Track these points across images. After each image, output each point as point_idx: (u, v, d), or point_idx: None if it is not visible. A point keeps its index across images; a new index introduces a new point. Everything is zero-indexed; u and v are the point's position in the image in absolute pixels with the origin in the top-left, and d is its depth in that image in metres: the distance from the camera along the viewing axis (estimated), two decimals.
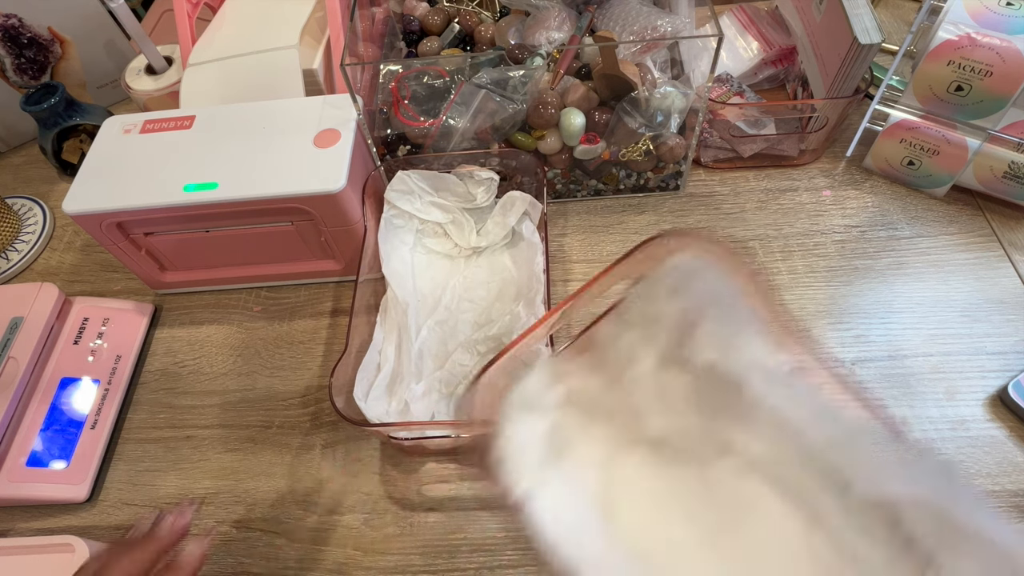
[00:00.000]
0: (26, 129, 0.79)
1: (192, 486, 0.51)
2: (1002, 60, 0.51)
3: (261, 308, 0.61)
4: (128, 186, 0.53)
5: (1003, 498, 0.45)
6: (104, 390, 0.55)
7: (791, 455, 0.31)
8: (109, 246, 0.56)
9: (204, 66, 0.64)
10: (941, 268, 0.57)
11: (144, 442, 0.54)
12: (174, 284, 0.62)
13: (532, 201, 0.57)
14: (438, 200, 0.58)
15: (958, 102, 0.55)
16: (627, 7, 0.62)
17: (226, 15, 0.69)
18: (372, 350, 0.50)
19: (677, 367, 0.34)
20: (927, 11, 0.56)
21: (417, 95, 0.59)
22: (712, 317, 0.34)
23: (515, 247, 0.59)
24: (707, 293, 0.34)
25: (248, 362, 0.58)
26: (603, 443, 0.34)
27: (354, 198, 0.54)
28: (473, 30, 0.68)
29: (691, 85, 0.59)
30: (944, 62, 0.53)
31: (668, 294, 0.35)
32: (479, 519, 0.48)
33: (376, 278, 0.55)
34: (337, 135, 0.54)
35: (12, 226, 0.69)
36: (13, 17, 0.71)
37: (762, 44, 0.69)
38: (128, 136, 0.57)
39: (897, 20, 0.78)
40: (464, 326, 0.55)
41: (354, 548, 0.47)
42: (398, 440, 0.48)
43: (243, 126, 0.56)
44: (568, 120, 0.57)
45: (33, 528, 0.51)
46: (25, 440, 0.51)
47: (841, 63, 0.56)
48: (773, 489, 0.31)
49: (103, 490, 0.52)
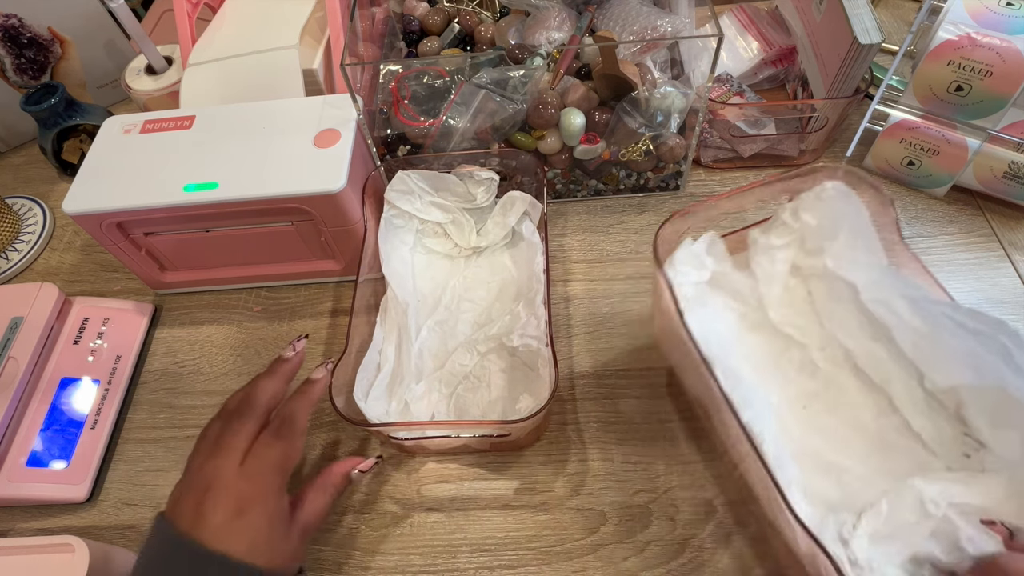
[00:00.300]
0: (26, 129, 0.79)
1: None
2: (1002, 60, 0.51)
3: (261, 308, 0.61)
4: (128, 186, 0.53)
5: None
6: (104, 390, 0.55)
7: (881, 353, 0.41)
8: (109, 246, 0.56)
9: (204, 66, 0.64)
10: (941, 268, 0.57)
11: (144, 442, 0.54)
12: (174, 284, 0.62)
13: (532, 201, 0.57)
14: (438, 200, 0.58)
15: (958, 102, 0.55)
16: (627, 7, 0.62)
17: (226, 15, 0.69)
18: (372, 350, 0.50)
19: (804, 274, 0.45)
20: (927, 11, 0.56)
21: (417, 95, 0.59)
22: (845, 234, 0.42)
23: (515, 247, 0.59)
24: (844, 215, 0.42)
25: (248, 362, 0.58)
26: (734, 312, 0.45)
27: (354, 198, 0.54)
28: (473, 30, 0.68)
29: (691, 85, 0.59)
30: (944, 62, 0.53)
31: (813, 211, 0.43)
32: (479, 519, 0.48)
33: (376, 278, 0.55)
34: (337, 135, 0.54)
35: (12, 226, 0.69)
36: (13, 17, 0.71)
37: (762, 44, 0.69)
38: (128, 136, 0.57)
39: (897, 20, 0.78)
40: (464, 326, 0.55)
41: (354, 548, 0.47)
42: (398, 440, 0.48)
43: (243, 126, 0.56)
44: (568, 120, 0.57)
45: (33, 528, 0.51)
46: (25, 440, 0.51)
47: (841, 63, 0.56)
48: (858, 379, 0.41)
49: (103, 490, 0.52)
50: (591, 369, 0.54)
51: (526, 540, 0.47)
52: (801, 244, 0.45)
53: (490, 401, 0.50)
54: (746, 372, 0.42)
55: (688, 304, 0.38)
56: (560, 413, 0.52)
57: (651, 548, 0.45)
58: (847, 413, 0.41)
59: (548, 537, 0.46)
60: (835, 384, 0.42)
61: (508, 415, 0.49)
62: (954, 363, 0.38)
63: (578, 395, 0.52)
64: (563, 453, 0.50)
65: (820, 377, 0.43)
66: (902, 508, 0.35)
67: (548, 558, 0.46)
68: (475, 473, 0.50)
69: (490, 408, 0.50)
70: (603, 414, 0.51)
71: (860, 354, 0.42)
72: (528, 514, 0.48)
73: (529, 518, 0.47)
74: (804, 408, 0.42)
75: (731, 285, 0.45)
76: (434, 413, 0.50)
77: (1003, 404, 0.36)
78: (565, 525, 0.47)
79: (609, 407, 0.52)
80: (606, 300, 0.58)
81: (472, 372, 0.52)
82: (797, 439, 0.41)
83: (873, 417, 0.41)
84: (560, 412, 0.52)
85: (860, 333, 0.42)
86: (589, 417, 0.51)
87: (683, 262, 0.41)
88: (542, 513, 0.47)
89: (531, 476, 0.49)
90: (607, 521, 0.47)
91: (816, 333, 0.44)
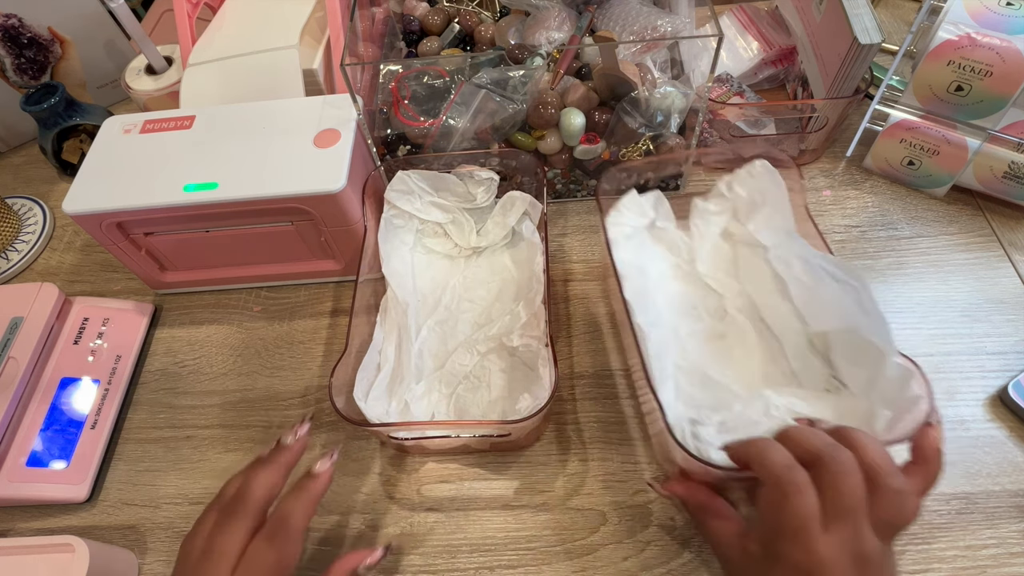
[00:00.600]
0: (26, 129, 0.79)
1: (192, 486, 0.51)
2: (1002, 60, 0.51)
3: (261, 308, 0.61)
4: (128, 186, 0.53)
5: (1003, 498, 0.45)
6: (104, 390, 0.55)
7: (782, 308, 0.49)
8: (109, 246, 0.56)
9: (204, 66, 0.64)
10: (941, 268, 0.57)
11: (144, 442, 0.54)
12: (174, 284, 0.62)
13: (532, 201, 0.57)
14: (438, 200, 0.58)
15: (958, 102, 0.55)
16: (627, 7, 0.62)
17: (226, 15, 0.69)
18: (372, 350, 0.50)
19: (734, 239, 0.54)
20: (927, 11, 0.56)
21: (417, 95, 0.59)
22: (768, 206, 0.51)
23: (515, 247, 0.59)
24: (769, 189, 0.51)
25: (248, 362, 0.58)
26: (668, 262, 0.54)
27: (354, 198, 0.54)
28: (473, 30, 0.68)
29: (691, 85, 0.59)
30: (944, 62, 0.53)
31: (744, 185, 0.52)
32: (479, 519, 0.48)
33: (376, 278, 0.55)
34: (337, 135, 0.54)
35: (12, 226, 0.69)
36: (13, 17, 0.71)
37: (762, 44, 0.69)
38: (128, 136, 0.57)
39: (897, 20, 0.78)
40: (464, 326, 0.55)
41: (354, 548, 0.47)
42: (398, 440, 0.48)
43: (243, 126, 0.56)
44: (568, 120, 0.57)
45: (33, 528, 0.51)
46: (25, 440, 0.51)
47: (841, 63, 0.56)
48: (760, 327, 0.50)
49: (103, 490, 0.52)
50: (591, 369, 0.54)
51: (526, 540, 0.47)
52: (734, 214, 0.54)
53: (490, 401, 0.50)
54: (663, 306, 0.51)
55: (620, 240, 0.49)
56: (560, 413, 0.52)
57: (651, 548, 0.45)
58: (742, 351, 0.49)
59: (548, 537, 0.46)
60: (739, 329, 0.50)
61: (508, 415, 0.49)
62: (826, 311, 0.45)
63: (578, 395, 0.52)
64: (563, 453, 0.50)
65: (728, 321, 0.51)
66: (751, 410, 0.42)
67: (548, 558, 0.46)
68: (475, 473, 0.50)
69: (490, 408, 0.50)
70: (603, 414, 0.51)
71: (764, 306, 0.50)
72: (528, 514, 0.48)
73: (529, 518, 0.47)
74: (706, 342, 0.50)
75: (671, 240, 0.55)
76: (434, 413, 0.50)
77: (855, 345, 0.42)
78: (565, 525, 0.47)
79: (609, 407, 0.52)
80: (606, 300, 0.58)
81: (472, 372, 0.52)
82: (691, 360, 0.48)
83: (763, 358, 0.48)
84: (560, 412, 0.52)
85: (767, 289, 0.50)
86: (589, 417, 0.51)
87: (627, 208, 0.52)
88: (542, 513, 0.47)
89: (531, 476, 0.49)
90: (607, 521, 0.47)
91: (733, 287, 0.52)
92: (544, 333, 0.49)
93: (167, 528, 0.49)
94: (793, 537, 0.33)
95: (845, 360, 0.44)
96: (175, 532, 0.49)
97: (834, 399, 0.43)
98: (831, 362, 0.46)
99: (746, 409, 0.42)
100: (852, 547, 0.32)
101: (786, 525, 0.33)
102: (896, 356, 0.39)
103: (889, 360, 0.39)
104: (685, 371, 0.47)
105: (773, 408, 0.42)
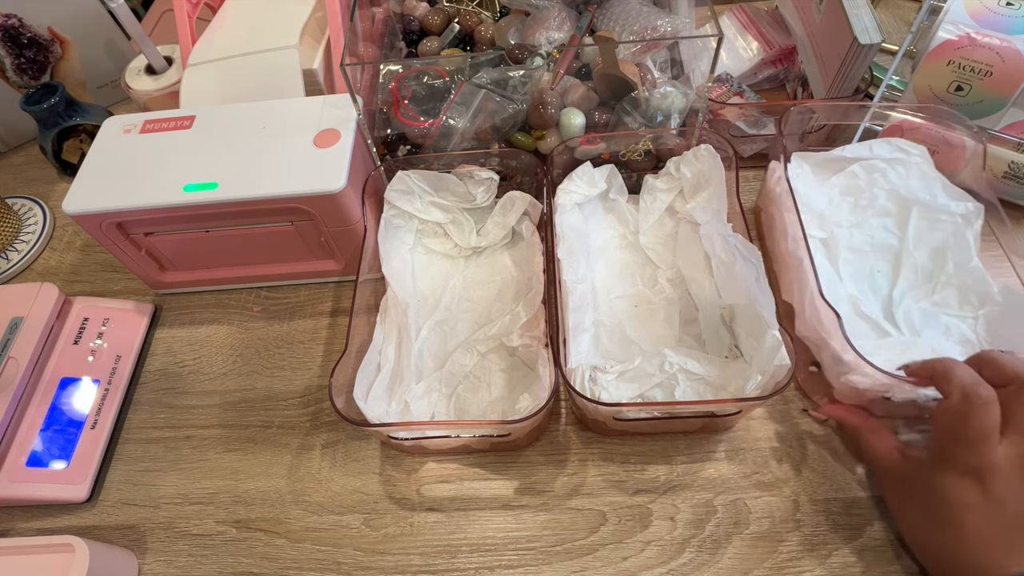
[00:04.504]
0: (26, 129, 0.79)
1: (192, 486, 0.51)
2: (1002, 60, 0.51)
3: (261, 308, 0.61)
4: (128, 186, 0.53)
5: None
6: (104, 390, 0.55)
7: (706, 283, 0.53)
8: (109, 246, 0.56)
9: (204, 66, 0.64)
10: None
11: (144, 442, 0.54)
12: (174, 284, 0.62)
13: (532, 201, 0.57)
14: (438, 200, 0.58)
15: (958, 102, 0.55)
16: (627, 7, 0.62)
17: (226, 15, 0.69)
18: (372, 350, 0.50)
19: (678, 217, 0.58)
20: (927, 11, 0.56)
21: (417, 95, 0.59)
22: (710, 188, 0.55)
23: (515, 247, 0.59)
24: (711, 172, 0.55)
25: (248, 362, 0.58)
26: (615, 232, 0.60)
27: (354, 198, 0.54)
28: (473, 30, 0.68)
29: (691, 85, 0.59)
30: (944, 62, 0.53)
31: (690, 166, 0.57)
32: (479, 519, 0.48)
33: (376, 278, 0.55)
34: (337, 135, 0.54)
35: (12, 226, 0.69)
36: (13, 17, 0.71)
37: (762, 44, 0.69)
38: (128, 136, 0.57)
39: (897, 20, 0.78)
40: (464, 326, 0.55)
41: (354, 548, 0.47)
42: (398, 440, 0.48)
43: (243, 126, 0.56)
44: (568, 120, 0.57)
45: (33, 528, 0.51)
46: (25, 440, 0.51)
47: (841, 63, 0.56)
48: (685, 298, 0.55)
49: (103, 490, 0.52)
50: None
51: (526, 540, 0.47)
52: (681, 192, 0.59)
53: (490, 401, 0.50)
54: (602, 269, 0.57)
55: (568, 206, 0.55)
56: (560, 413, 0.52)
57: (651, 548, 0.45)
58: (663, 317, 0.54)
59: (548, 537, 0.46)
60: (665, 297, 0.55)
61: (508, 415, 0.49)
62: (733, 285, 0.50)
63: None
64: (563, 453, 0.50)
65: (657, 290, 0.56)
66: (648, 365, 0.46)
67: (548, 558, 0.46)
68: (475, 473, 0.50)
69: (490, 408, 0.50)
70: None
71: (691, 279, 0.55)
72: (528, 514, 0.48)
73: (529, 518, 0.47)
74: (635, 307, 0.55)
75: (621, 212, 0.60)
76: (434, 413, 0.50)
77: (751, 317, 0.47)
78: (565, 525, 0.47)
79: None
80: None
81: (472, 372, 0.52)
82: (616, 319, 0.54)
83: (680, 325, 0.53)
84: (560, 412, 0.52)
85: (696, 263, 0.55)
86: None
87: (579, 177, 0.56)
88: (542, 513, 0.47)
89: (531, 476, 0.49)
90: (607, 521, 0.47)
91: (668, 260, 0.57)
92: (544, 333, 0.49)
93: (167, 528, 0.49)
94: (972, 445, 0.37)
95: (743, 331, 0.49)
96: (175, 532, 0.49)
97: (721, 362, 0.47)
98: (734, 332, 0.51)
99: (645, 363, 0.46)
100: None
101: (967, 434, 0.37)
102: (774, 329, 0.44)
103: (768, 332, 0.44)
104: (607, 328, 0.53)
105: (667, 364, 0.46)
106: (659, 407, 0.44)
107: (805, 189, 0.57)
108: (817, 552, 0.44)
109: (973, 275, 0.51)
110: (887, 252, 0.55)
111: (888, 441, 0.44)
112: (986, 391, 0.37)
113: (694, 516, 0.46)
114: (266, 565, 0.47)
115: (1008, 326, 0.49)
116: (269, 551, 0.48)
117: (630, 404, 0.45)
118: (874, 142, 0.58)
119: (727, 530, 0.46)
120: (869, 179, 0.57)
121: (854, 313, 0.52)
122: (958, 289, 0.52)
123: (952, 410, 0.38)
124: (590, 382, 0.45)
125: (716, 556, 0.45)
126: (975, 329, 0.50)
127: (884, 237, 0.56)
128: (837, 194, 0.58)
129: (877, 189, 0.57)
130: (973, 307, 0.51)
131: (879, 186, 0.57)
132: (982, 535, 0.37)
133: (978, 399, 0.37)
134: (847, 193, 0.58)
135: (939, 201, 0.55)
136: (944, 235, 0.54)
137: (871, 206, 0.57)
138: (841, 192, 0.58)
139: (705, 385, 0.47)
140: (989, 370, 0.39)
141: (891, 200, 0.57)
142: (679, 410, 0.45)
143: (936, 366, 0.40)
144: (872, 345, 0.47)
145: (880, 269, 0.55)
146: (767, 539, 0.45)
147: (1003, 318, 0.49)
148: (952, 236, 0.53)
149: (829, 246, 0.56)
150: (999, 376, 0.38)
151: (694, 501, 0.47)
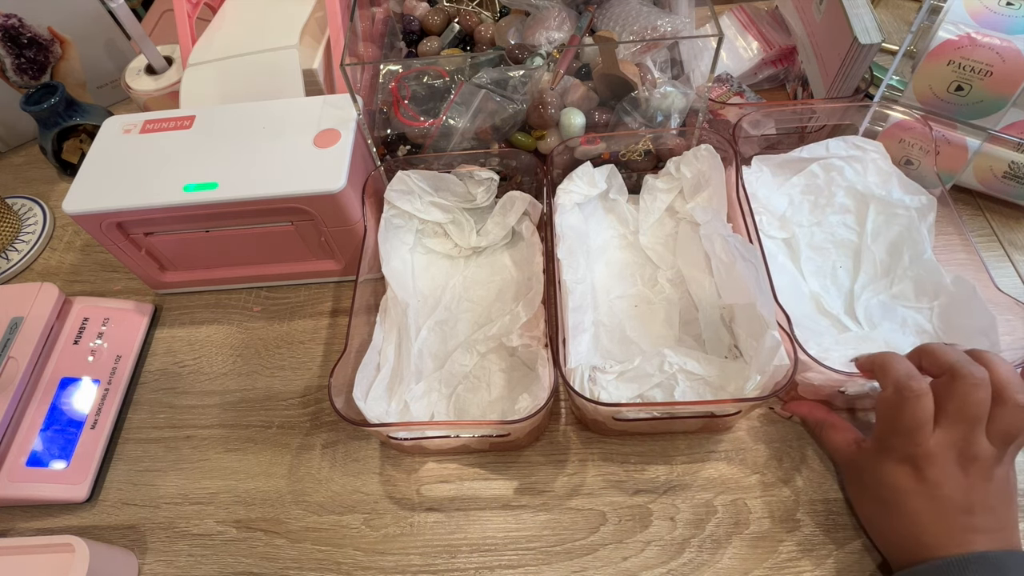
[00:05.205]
0: (26, 129, 0.79)
1: (192, 486, 0.51)
2: (1002, 60, 0.51)
3: (261, 308, 0.61)
4: (128, 186, 0.53)
5: None
6: (104, 390, 0.55)
7: (706, 283, 0.53)
8: (109, 246, 0.56)
9: (204, 66, 0.64)
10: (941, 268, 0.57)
11: (144, 442, 0.54)
12: (174, 284, 0.62)
13: (532, 201, 0.57)
14: (438, 200, 0.58)
15: (958, 102, 0.55)
16: (627, 7, 0.62)
17: (226, 15, 0.69)
18: (372, 350, 0.50)
19: (677, 216, 0.58)
20: (927, 11, 0.56)
21: (417, 95, 0.59)
22: (710, 188, 0.55)
23: (515, 247, 0.59)
24: (711, 172, 0.55)
25: (248, 362, 0.58)
26: (615, 231, 0.60)
27: (354, 198, 0.54)
28: (473, 30, 0.68)
29: (691, 85, 0.59)
30: (944, 62, 0.53)
31: (690, 167, 0.57)
32: (479, 519, 0.48)
33: (376, 278, 0.55)
34: (337, 135, 0.54)
35: (12, 226, 0.69)
36: (13, 17, 0.71)
37: (762, 44, 0.69)
38: (128, 136, 0.57)
39: (897, 20, 0.78)
40: (464, 326, 0.55)
41: (354, 548, 0.47)
42: (398, 440, 0.48)
43: (243, 126, 0.56)
44: (568, 120, 0.57)
45: (33, 528, 0.51)
46: (25, 440, 0.51)
47: (841, 63, 0.56)
48: (685, 298, 0.54)
49: (103, 490, 0.52)
50: None
51: (526, 540, 0.47)
52: (681, 192, 0.58)
53: (490, 401, 0.50)
54: (602, 270, 0.57)
55: (568, 206, 0.55)
56: (560, 413, 0.52)
57: (651, 548, 0.45)
58: (663, 317, 0.54)
59: (548, 537, 0.46)
60: (665, 297, 0.55)
61: (508, 415, 0.49)
62: (733, 285, 0.50)
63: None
64: (563, 453, 0.50)
65: (657, 290, 0.56)
66: (648, 365, 0.46)
67: (548, 558, 0.46)
68: (475, 473, 0.50)
69: (490, 408, 0.50)
70: None
71: (691, 279, 0.55)
72: (528, 514, 0.48)
73: (529, 518, 0.47)
74: (635, 307, 0.55)
75: (621, 212, 0.60)
76: (434, 413, 0.50)
77: (750, 317, 0.47)
78: (565, 525, 0.47)
79: None
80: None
81: (472, 372, 0.52)
82: (616, 319, 0.54)
83: (680, 325, 0.53)
84: (560, 412, 0.52)
85: (697, 263, 0.55)
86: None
87: (579, 177, 0.56)
88: (542, 513, 0.48)
89: (531, 476, 0.49)
90: (607, 521, 0.47)
91: (668, 260, 0.57)
92: (544, 333, 0.49)
93: (167, 528, 0.49)
94: (907, 434, 0.39)
95: (743, 331, 0.49)
96: (175, 532, 0.49)
97: (721, 362, 0.47)
98: (734, 332, 0.51)
99: (644, 363, 0.46)
100: (960, 447, 0.38)
101: (903, 424, 0.39)
102: (774, 330, 0.44)
103: (768, 333, 0.44)
104: (607, 328, 0.53)
105: (667, 365, 0.46)
106: (659, 407, 0.44)
107: (765, 192, 0.58)
108: (817, 552, 0.44)
109: (927, 267, 0.53)
110: (848, 248, 0.56)
111: (846, 434, 0.45)
112: (917, 384, 0.39)
113: (694, 516, 0.46)
114: (266, 565, 0.47)
115: (961, 315, 0.50)
116: (269, 551, 0.48)
117: (630, 404, 0.45)
118: (830, 141, 0.58)
119: (727, 530, 0.46)
120: (828, 178, 0.58)
121: (816, 311, 0.53)
122: (914, 281, 0.53)
123: (888, 402, 0.40)
124: (589, 382, 0.46)
125: (716, 556, 0.45)
126: (931, 320, 0.51)
127: (844, 233, 0.57)
128: (798, 194, 0.59)
129: (835, 187, 0.58)
130: (928, 298, 0.52)
131: (837, 184, 0.58)
132: (922, 518, 0.39)
133: (910, 391, 0.38)
134: (807, 192, 0.59)
135: (895, 196, 0.56)
136: (900, 229, 0.55)
137: (830, 204, 0.58)
138: (802, 192, 0.59)
139: (705, 385, 0.47)
140: (927, 361, 0.40)
141: (849, 197, 0.58)
142: (679, 410, 0.45)
143: (876, 360, 0.41)
144: (831, 340, 0.49)
145: (842, 265, 0.56)
146: (767, 539, 0.45)
147: (956, 307, 0.50)
148: (907, 230, 0.55)
149: (791, 246, 0.57)
150: (935, 367, 0.40)
151: (694, 501, 0.47)
